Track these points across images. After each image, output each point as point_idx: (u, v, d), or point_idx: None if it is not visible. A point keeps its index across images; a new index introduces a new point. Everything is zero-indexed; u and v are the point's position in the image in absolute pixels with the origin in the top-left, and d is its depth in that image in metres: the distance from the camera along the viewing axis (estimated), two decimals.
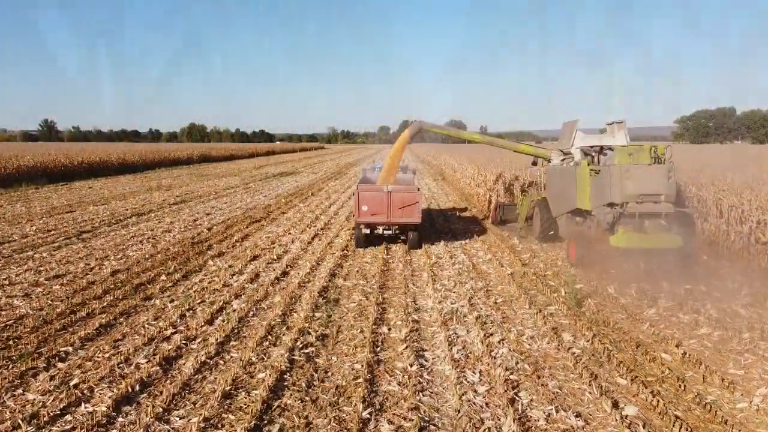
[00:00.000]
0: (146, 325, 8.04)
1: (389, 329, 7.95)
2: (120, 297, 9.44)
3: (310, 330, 7.83)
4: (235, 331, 7.86)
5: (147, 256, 12.55)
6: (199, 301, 9.25)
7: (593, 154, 12.77)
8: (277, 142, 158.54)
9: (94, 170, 38.07)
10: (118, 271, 11.17)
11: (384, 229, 13.15)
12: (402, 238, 13.87)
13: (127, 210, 20.27)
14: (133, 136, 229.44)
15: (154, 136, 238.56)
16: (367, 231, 13.20)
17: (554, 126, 16.13)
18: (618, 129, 13.11)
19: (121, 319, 8.35)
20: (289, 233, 15.65)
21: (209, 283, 10.40)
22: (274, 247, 13.68)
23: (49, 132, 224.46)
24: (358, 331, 7.85)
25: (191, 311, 8.71)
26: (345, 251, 13.28)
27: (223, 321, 8.21)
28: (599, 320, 8.35)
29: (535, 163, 16.25)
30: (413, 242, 13.36)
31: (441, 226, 17.10)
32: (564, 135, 14.27)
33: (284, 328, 7.92)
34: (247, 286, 10.16)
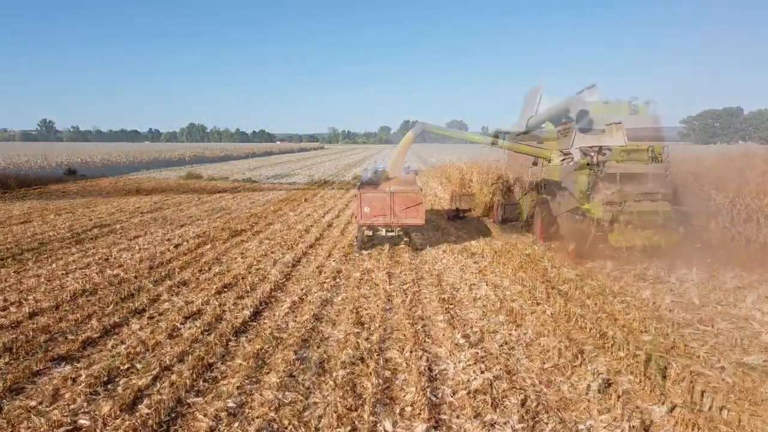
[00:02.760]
0: (32, 417, 5.40)
1: (394, 424, 5.30)
2: (21, 356, 6.82)
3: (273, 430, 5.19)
4: (162, 428, 5.22)
5: (87, 287, 9.91)
6: (126, 365, 6.61)
7: (592, 153, 12.99)
8: (277, 142, 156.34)
9: (75, 172, 35.75)
10: (37, 312, 8.52)
11: (387, 231, 12.96)
12: (405, 239, 13.61)
13: (90, 220, 17.67)
14: (133, 135, 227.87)
15: (154, 135, 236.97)
16: (370, 233, 13.05)
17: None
18: (616, 129, 13.33)
19: (2, 402, 5.72)
20: (272, 252, 13.02)
21: (152, 331, 7.76)
22: (249, 272, 11.06)
23: (47, 132, 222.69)
24: (348, 430, 5.20)
25: (109, 386, 6.07)
26: (336, 279, 10.66)
27: (149, 407, 5.56)
28: (704, 407, 5.68)
29: (535, 163, 16.08)
30: (416, 244, 13.36)
31: (454, 240, 14.46)
32: (563, 135, 14.49)
33: (236, 425, 5.27)
34: (200, 337, 7.52)
